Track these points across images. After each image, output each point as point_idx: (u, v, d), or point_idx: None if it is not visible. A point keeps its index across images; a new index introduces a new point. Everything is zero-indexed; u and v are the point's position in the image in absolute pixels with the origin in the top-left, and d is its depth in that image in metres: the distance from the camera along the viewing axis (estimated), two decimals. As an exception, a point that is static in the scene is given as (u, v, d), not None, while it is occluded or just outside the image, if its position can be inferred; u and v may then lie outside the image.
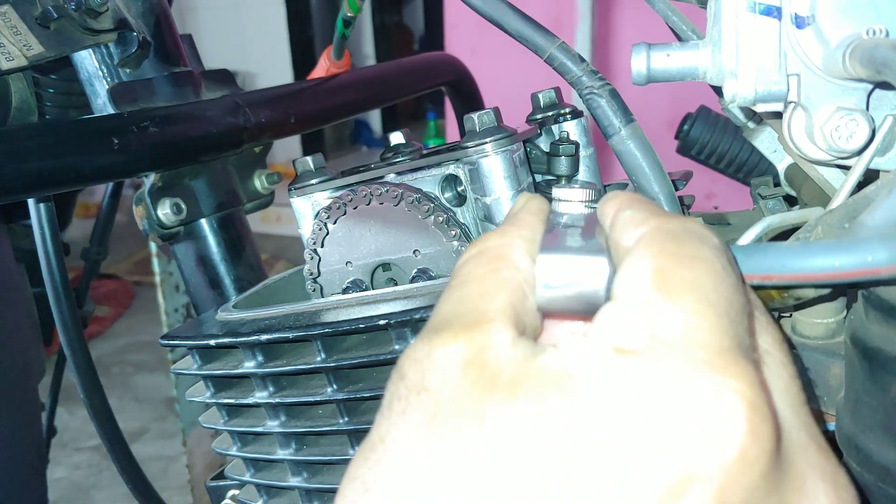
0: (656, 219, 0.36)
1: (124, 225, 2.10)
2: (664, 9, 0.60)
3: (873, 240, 0.36)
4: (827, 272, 0.37)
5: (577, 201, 0.43)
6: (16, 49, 0.77)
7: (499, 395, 0.30)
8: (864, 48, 0.43)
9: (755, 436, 0.29)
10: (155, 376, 3.44)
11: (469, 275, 0.37)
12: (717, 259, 0.34)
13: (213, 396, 0.67)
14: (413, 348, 0.34)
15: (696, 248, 0.34)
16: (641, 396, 0.29)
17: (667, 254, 0.33)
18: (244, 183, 0.97)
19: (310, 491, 0.66)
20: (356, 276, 0.69)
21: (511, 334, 0.33)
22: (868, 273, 0.36)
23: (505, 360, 0.32)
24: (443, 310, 0.36)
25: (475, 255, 0.38)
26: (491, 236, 0.39)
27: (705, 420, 0.28)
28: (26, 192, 0.79)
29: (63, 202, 1.36)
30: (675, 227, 0.35)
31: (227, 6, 5.41)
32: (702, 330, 0.30)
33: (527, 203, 0.43)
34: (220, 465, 0.81)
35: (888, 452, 0.41)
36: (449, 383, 0.32)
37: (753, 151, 1.05)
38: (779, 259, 0.39)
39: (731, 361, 0.30)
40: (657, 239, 0.34)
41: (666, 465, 0.28)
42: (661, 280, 0.32)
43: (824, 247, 0.37)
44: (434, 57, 1.52)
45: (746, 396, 0.29)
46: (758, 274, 0.39)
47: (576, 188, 0.43)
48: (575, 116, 0.74)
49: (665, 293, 0.32)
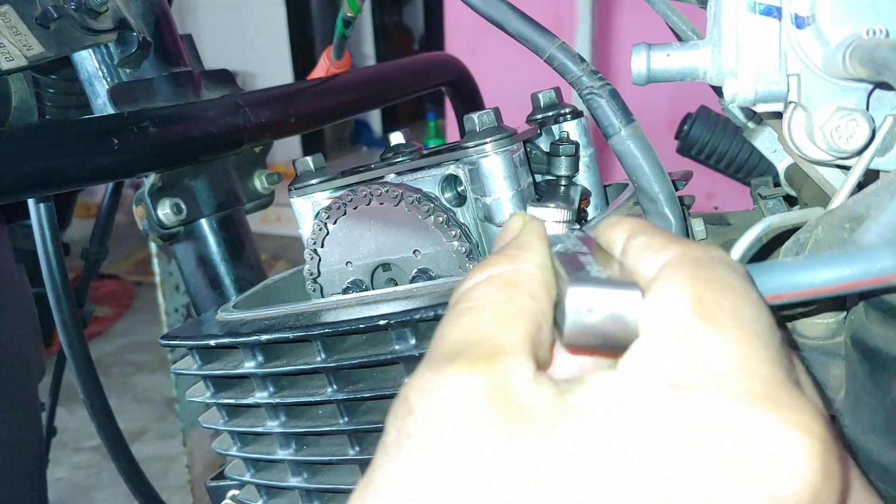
0: (678, 245, 0.34)
1: (124, 225, 2.10)
2: (664, 9, 0.60)
3: (880, 248, 0.36)
4: (837, 284, 0.37)
5: (553, 221, 0.42)
6: (16, 49, 0.77)
7: (532, 435, 0.28)
8: (864, 48, 0.43)
9: (827, 475, 0.28)
10: (155, 376, 3.43)
11: (481, 300, 0.34)
12: (751, 287, 0.32)
13: (213, 396, 0.67)
14: (420, 378, 0.31)
15: (728, 275, 0.32)
16: (708, 435, 0.27)
17: (701, 281, 0.31)
18: (244, 183, 0.97)
19: (310, 491, 0.66)
20: (356, 276, 0.69)
21: (532, 367, 0.31)
22: (878, 281, 0.36)
23: (532, 396, 0.30)
24: (451, 336, 0.33)
25: (486, 280, 0.35)
26: (499, 260, 0.37)
27: (777, 459, 0.27)
28: (26, 192, 0.79)
29: (63, 202, 1.36)
30: (702, 253, 0.33)
31: (227, 6, 5.41)
32: (755, 362, 0.29)
33: (528, 225, 0.41)
34: (220, 465, 0.81)
35: (888, 452, 0.41)
36: (471, 420, 0.29)
37: (753, 151, 1.05)
38: (787, 276, 0.38)
39: (791, 395, 0.28)
40: (686, 266, 0.32)
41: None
42: (702, 308, 0.30)
43: (832, 259, 0.37)
44: (434, 57, 1.52)
45: (816, 434, 0.28)
46: (767, 294, 0.38)
47: (550, 207, 0.42)
48: (575, 116, 0.74)
49: (709, 322, 0.30)
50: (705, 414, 0.28)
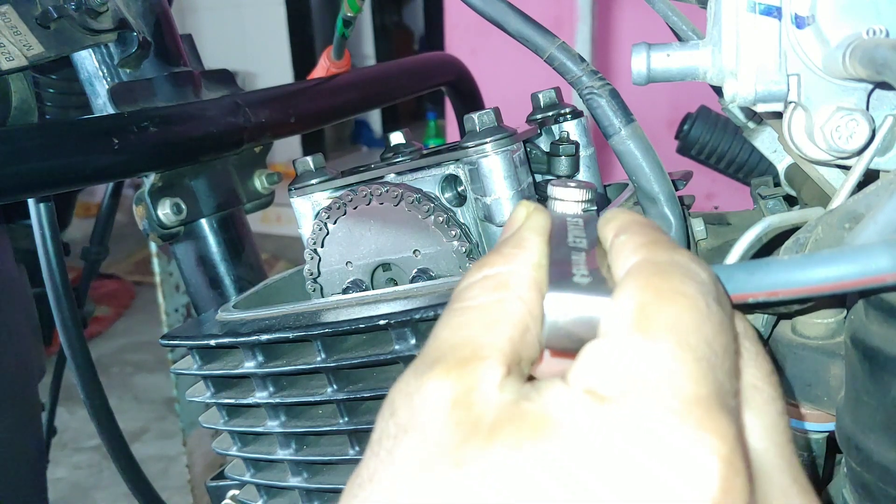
0: (646, 249, 0.35)
1: (124, 225, 2.10)
2: (664, 9, 0.60)
3: (877, 246, 0.36)
4: (833, 283, 0.37)
5: (573, 201, 0.43)
6: (16, 49, 0.77)
7: (478, 440, 0.30)
8: (864, 48, 0.43)
9: (727, 491, 0.28)
10: (155, 376, 3.43)
11: (472, 301, 0.35)
12: (702, 295, 0.33)
13: (213, 396, 0.67)
14: (405, 381, 0.33)
15: (680, 282, 0.33)
16: (613, 449, 0.28)
17: (651, 289, 0.32)
18: (244, 183, 0.97)
19: (310, 491, 0.66)
20: (356, 276, 0.69)
21: (502, 373, 0.32)
22: (875, 281, 0.36)
23: (490, 403, 0.31)
24: (440, 336, 0.35)
25: (480, 280, 0.36)
26: (496, 260, 0.37)
27: (679, 476, 0.28)
28: (26, 192, 0.79)
29: (63, 202, 1.36)
30: (663, 258, 0.34)
31: (227, 6, 5.41)
32: (679, 376, 0.30)
33: (529, 219, 0.41)
34: (220, 465, 0.81)
35: (888, 452, 0.41)
36: (435, 425, 0.31)
37: (753, 151, 1.05)
38: (784, 273, 0.38)
39: (705, 412, 0.29)
40: (643, 272, 0.33)
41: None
42: (642, 318, 0.31)
43: (828, 257, 0.37)
44: (434, 57, 1.52)
45: (720, 451, 0.28)
46: (763, 291, 0.39)
47: (572, 187, 0.43)
48: (575, 116, 0.74)
49: (644, 333, 0.31)
50: (615, 428, 0.29)
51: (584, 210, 0.43)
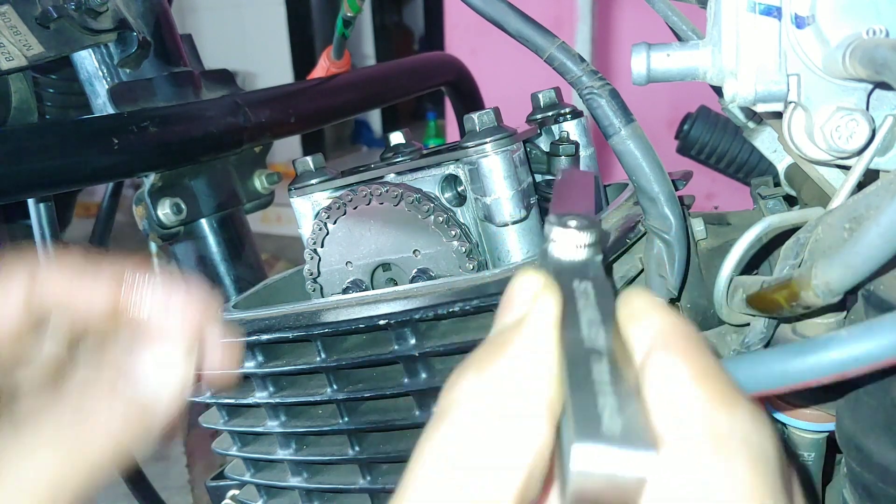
0: (700, 402, 0.29)
1: (124, 225, 2.10)
2: (664, 9, 0.60)
3: (886, 322, 0.33)
4: (849, 368, 0.33)
5: (573, 246, 0.36)
6: (16, 49, 0.77)
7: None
8: (864, 48, 0.43)
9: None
10: (155, 376, 3.43)
11: (473, 425, 0.29)
12: (770, 488, 0.28)
13: (213, 396, 0.67)
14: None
15: (743, 468, 0.28)
16: None
17: (710, 470, 0.28)
18: (244, 183, 0.97)
19: (310, 491, 0.66)
20: (356, 276, 0.69)
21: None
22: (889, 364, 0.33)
23: None
24: (429, 478, 0.29)
25: (481, 391, 0.30)
26: (500, 362, 0.31)
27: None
28: (26, 192, 0.79)
29: (63, 202, 1.36)
30: (722, 425, 0.29)
31: (227, 6, 5.41)
32: (761, 493, 0.27)
33: (537, 307, 0.32)
34: (220, 465, 0.81)
35: (888, 452, 0.41)
36: None
37: (753, 151, 1.05)
38: (787, 364, 0.35)
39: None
40: (701, 443, 0.28)
41: None
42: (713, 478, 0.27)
43: (832, 341, 0.34)
44: (434, 57, 1.52)
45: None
46: (769, 389, 0.35)
47: (571, 229, 0.36)
48: (575, 116, 0.74)
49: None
50: None
51: (589, 255, 0.37)
